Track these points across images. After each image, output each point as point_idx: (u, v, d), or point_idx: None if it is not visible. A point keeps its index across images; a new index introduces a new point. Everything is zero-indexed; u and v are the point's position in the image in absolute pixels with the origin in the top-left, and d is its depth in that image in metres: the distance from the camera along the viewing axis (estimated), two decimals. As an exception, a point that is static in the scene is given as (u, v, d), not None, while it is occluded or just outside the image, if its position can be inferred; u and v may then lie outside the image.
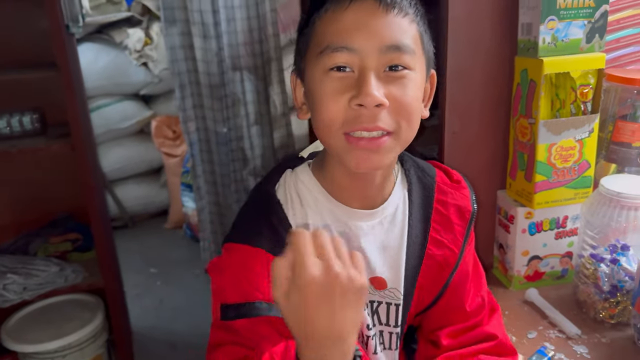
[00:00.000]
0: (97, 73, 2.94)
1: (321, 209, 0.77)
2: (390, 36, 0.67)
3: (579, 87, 1.06)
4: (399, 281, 0.81)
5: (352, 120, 0.68)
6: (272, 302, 0.68)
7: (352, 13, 0.67)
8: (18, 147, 1.73)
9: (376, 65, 0.67)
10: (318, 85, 0.69)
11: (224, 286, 0.72)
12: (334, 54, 0.67)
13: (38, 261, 1.86)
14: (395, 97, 0.68)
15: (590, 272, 1.05)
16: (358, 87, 0.66)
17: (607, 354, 0.97)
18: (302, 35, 0.74)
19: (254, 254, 0.72)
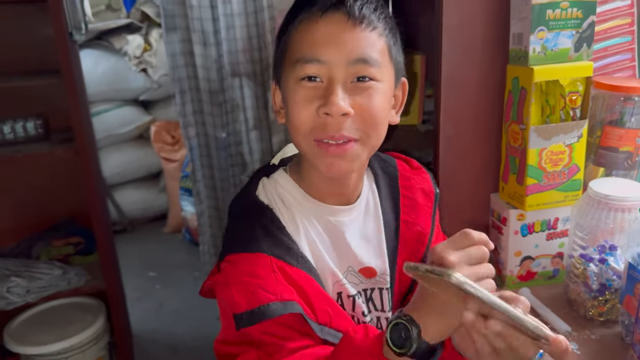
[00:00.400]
0: (97, 79, 2.97)
1: (304, 209, 0.81)
2: (357, 50, 0.71)
3: (568, 94, 1.11)
4: (385, 267, 0.85)
5: (319, 128, 0.73)
6: (287, 301, 0.70)
7: (323, 26, 0.72)
8: (22, 152, 1.77)
9: (344, 76, 0.72)
10: (291, 93, 0.74)
11: (232, 297, 0.71)
12: (305, 65, 0.72)
13: (41, 264, 1.89)
14: (361, 107, 0.72)
15: (580, 272, 1.09)
16: (325, 97, 0.71)
17: (597, 349, 1.01)
18: (279, 42, 0.78)
19: (255, 259, 0.73)
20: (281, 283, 0.72)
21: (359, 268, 0.84)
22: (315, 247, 0.80)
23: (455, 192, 1.23)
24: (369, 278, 0.85)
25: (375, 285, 0.86)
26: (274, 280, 0.72)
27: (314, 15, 0.72)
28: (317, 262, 0.80)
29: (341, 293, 0.82)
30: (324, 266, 0.80)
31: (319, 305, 0.74)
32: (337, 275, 0.81)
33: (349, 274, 0.84)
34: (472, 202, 1.26)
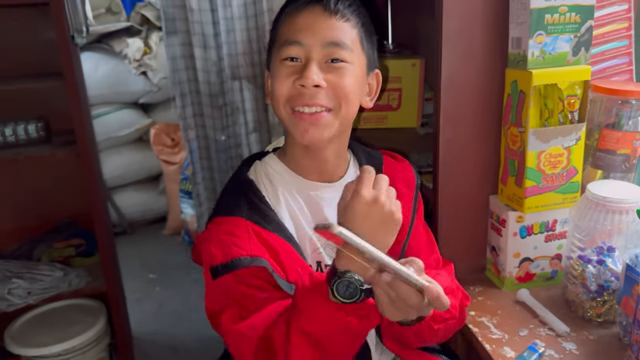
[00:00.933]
0: (97, 82, 2.98)
1: (288, 184, 0.93)
2: (331, 35, 0.86)
3: (566, 98, 1.12)
4: None
5: (295, 97, 0.86)
6: (255, 256, 0.80)
7: (303, 17, 0.86)
8: (24, 155, 1.78)
9: (319, 57, 0.86)
10: (276, 71, 0.88)
11: (210, 251, 0.82)
12: (287, 48, 0.86)
13: (43, 266, 1.90)
14: (332, 82, 0.86)
15: (578, 273, 1.10)
16: (302, 72, 0.85)
17: (595, 350, 1.03)
18: (271, 36, 0.93)
19: (235, 222, 0.85)
20: (254, 243, 0.82)
21: None
22: (296, 217, 0.90)
23: (455, 194, 1.25)
24: None
25: None
26: (247, 240, 0.82)
27: (297, 7, 0.87)
28: (298, 230, 0.90)
29: (320, 262, 0.90)
30: (304, 235, 0.90)
31: (289, 265, 0.83)
32: (315, 244, 0.90)
33: (327, 246, 0.91)
34: (471, 203, 1.27)
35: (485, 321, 1.12)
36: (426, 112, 1.79)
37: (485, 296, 1.21)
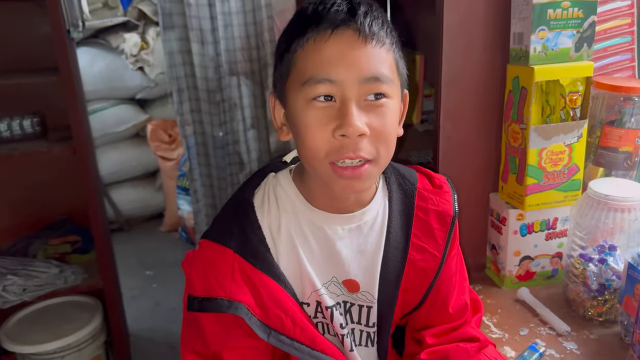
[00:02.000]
0: (94, 77, 2.96)
1: (297, 213, 0.80)
2: (369, 68, 0.70)
3: (568, 94, 1.11)
4: (373, 285, 0.84)
5: (336, 150, 0.71)
6: (234, 301, 0.74)
7: (333, 44, 0.69)
8: (20, 150, 1.76)
9: (357, 95, 0.70)
10: (301, 114, 0.71)
11: (192, 278, 0.77)
12: (317, 86, 0.69)
13: (38, 263, 1.88)
14: (375, 127, 0.71)
15: (579, 272, 1.09)
16: (341, 118, 0.69)
17: (596, 349, 1.01)
18: (282, 59, 0.74)
19: (222, 253, 0.77)
20: (236, 282, 0.76)
21: (343, 280, 0.83)
22: (296, 251, 0.80)
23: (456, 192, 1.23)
24: (352, 292, 0.84)
25: (356, 301, 0.85)
26: (230, 278, 0.76)
27: (322, 33, 0.69)
28: (295, 269, 0.80)
29: (320, 303, 0.83)
30: (303, 274, 0.81)
31: (272, 310, 0.77)
32: (315, 285, 0.81)
33: (332, 284, 0.83)
34: (471, 201, 1.26)
35: (485, 320, 1.10)
36: (426, 108, 1.77)
37: (485, 295, 1.20)
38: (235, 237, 0.78)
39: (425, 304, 0.89)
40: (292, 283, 0.80)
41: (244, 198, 0.82)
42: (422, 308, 0.89)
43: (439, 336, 0.88)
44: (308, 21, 0.71)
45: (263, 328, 0.76)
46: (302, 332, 0.78)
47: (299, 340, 0.78)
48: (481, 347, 0.85)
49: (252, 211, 0.80)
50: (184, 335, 0.81)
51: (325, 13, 0.70)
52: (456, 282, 0.90)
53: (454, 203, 0.88)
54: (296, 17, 0.75)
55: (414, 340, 0.92)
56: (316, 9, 0.71)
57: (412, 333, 0.92)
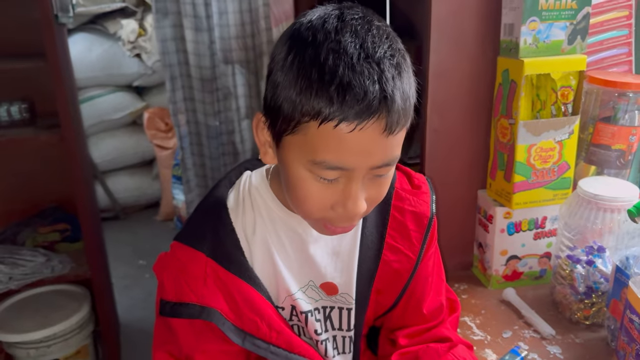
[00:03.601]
0: (90, 64, 2.93)
1: (272, 216, 0.77)
2: (384, 157, 0.64)
3: (560, 89, 1.06)
4: (350, 286, 0.81)
5: (331, 218, 0.69)
6: (206, 307, 0.72)
7: (355, 136, 0.60)
8: (7, 137, 1.73)
9: (363, 175, 0.65)
10: (301, 180, 0.66)
11: (164, 282, 0.74)
12: (327, 171, 0.64)
13: (25, 251, 1.86)
14: (373, 197, 0.69)
15: (566, 273, 1.05)
16: (343, 197, 0.66)
17: (580, 354, 0.98)
18: (281, 106, 0.63)
19: (194, 257, 0.74)
20: (209, 287, 0.73)
21: (320, 283, 0.81)
22: (270, 257, 0.77)
23: (442, 188, 1.19)
24: (330, 295, 0.82)
25: (336, 303, 0.83)
26: (202, 283, 0.73)
27: (347, 122, 0.59)
28: (269, 272, 0.78)
29: (295, 307, 0.80)
30: (278, 278, 0.78)
31: (247, 315, 0.74)
32: (289, 290, 0.79)
33: (309, 288, 0.81)
34: (459, 198, 1.22)
35: (468, 321, 1.07)
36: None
37: (470, 294, 1.16)
38: (208, 240, 0.75)
39: (399, 305, 0.86)
40: (267, 286, 0.78)
41: (218, 199, 0.79)
42: (395, 309, 0.87)
43: (412, 337, 0.85)
44: (328, 94, 0.59)
45: (238, 333, 0.74)
46: (279, 336, 0.76)
47: (275, 344, 0.76)
48: (451, 347, 0.82)
49: (225, 214, 0.77)
50: (156, 336, 0.79)
51: (353, 98, 0.58)
52: (432, 283, 0.87)
53: (432, 204, 0.84)
54: (310, 69, 0.60)
55: (388, 341, 0.89)
56: (341, 83, 0.58)
57: (387, 333, 0.90)
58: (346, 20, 0.62)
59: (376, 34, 0.62)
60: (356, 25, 0.62)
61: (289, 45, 0.63)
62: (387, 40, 0.62)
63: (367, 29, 0.62)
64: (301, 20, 0.65)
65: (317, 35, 0.61)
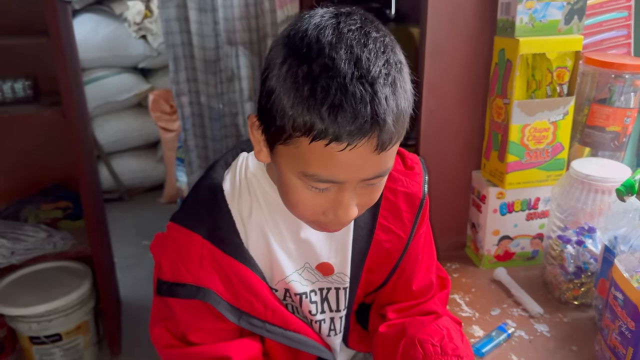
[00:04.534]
0: (96, 44, 2.94)
1: (268, 199, 0.78)
2: (375, 171, 0.65)
3: (555, 69, 1.06)
4: (345, 265, 0.83)
5: (324, 222, 0.71)
6: (202, 287, 0.73)
7: (346, 154, 0.61)
8: (10, 113, 1.75)
9: (355, 185, 0.66)
10: (293, 187, 0.67)
11: (161, 263, 0.75)
12: (318, 183, 0.65)
13: (27, 227, 1.89)
14: (364, 203, 0.70)
15: (557, 253, 1.06)
16: (334, 205, 0.67)
17: (567, 333, 0.99)
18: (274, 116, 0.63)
19: (190, 238, 0.75)
20: (205, 268, 0.74)
21: (316, 264, 0.82)
22: (265, 240, 0.79)
23: (437, 168, 1.20)
24: (326, 276, 0.83)
25: (332, 284, 0.84)
26: (198, 265, 0.74)
27: (338, 142, 0.59)
28: (264, 255, 0.79)
29: (288, 290, 0.82)
30: (273, 261, 0.80)
31: (243, 295, 0.76)
32: (284, 272, 0.80)
33: (306, 270, 0.82)
34: (453, 179, 1.22)
35: (457, 298, 1.08)
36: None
37: (461, 273, 1.17)
38: (204, 222, 0.76)
39: (389, 283, 0.87)
40: (261, 268, 0.79)
41: (214, 182, 0.79)
42: (386, 286, 0.88)
43: (400, 311, 0.87)
44: (319, 112, 0.58)
45: (233, 312, 0.76)
46: (274, 314, 0.78)
47: (271, 322, 0.78)
48: (437, 318, 0.83)
49: (222, 197, 0.78)
50: (154, 313, 0.80)
51: (344, 120, 0.58)
52: (422, 261, 0.88)
53: (424, 185, 0.85)
54: (303, 85, 0.59)
55: (378, 316, 0.91)
56: (333, 104, 0.58)
57: (377, 309, 0.91)
58: (342, 33, 0.61)
59: (372, 49, 0.60)
60: (352, 39, 0.60)
61: (284, 53, 0.62)
62: (384, 55, 0.61)
63: (363, 44, 0.60)
64: (298, 27, 0.63)
65: (311, 48, 0.60)
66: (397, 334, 0.83)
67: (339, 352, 0.93)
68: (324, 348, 0.85)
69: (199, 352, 0.76)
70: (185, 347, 0.77)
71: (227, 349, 0.76)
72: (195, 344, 0.76)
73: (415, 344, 0.78)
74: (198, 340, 0.77)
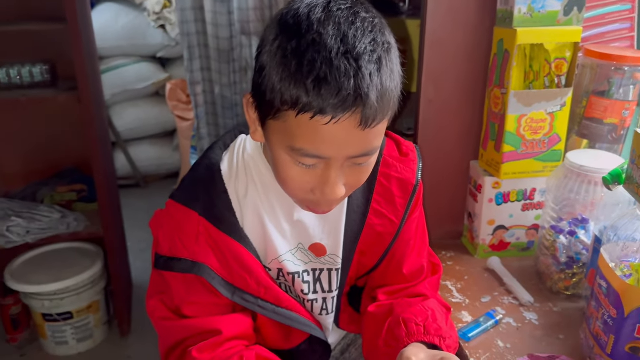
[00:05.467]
0: (116, 33, 2.99)
1: (264, 181, 0.81)
2: (362, 148, 0.67)
3: (553, 60, 1.06)
4: (337, 247, 0.85)
5: (312, 201, 0.73)
6: (197, 262, 0.76)
7: (330, 128, 0.63)
8: (27, 96, 1.81)
9: (342, 163, 0.68)
10: (283, 163, 0.70)
11: (158, 238, 0.79)
12: (304, 158, 0.66)
13: (42, 207, 1.95)
14: (352, 183, 0.72)
15: (549, 244, 1.06)
16: (321, 183, 0.69)
17: (555, 321, 0.99)
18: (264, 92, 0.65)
19: (187, 215, 0.78)
20: (200, 244, 0.77)
21: (309, 245, 0.85)
22: (260, 220, 0.81)
23: (435, 158, 1.21)
24: (319, 257, 0.86)
25: (325, 265, 0.86)
26: (194, 241, 0.76)
27: (323, 115, 0.62)
28: (259, 234, 0.82)
29: (281, 270, 0.84)
30: (267, 241, 0.82)
31: (237, 272, 0.79)
32: (277, 252, 0.83)
33: (299, 250, 0.85)
34: (452, 169, 1.24)
35: (449, 285, 1.10)
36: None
37: (455, 262, 1.18)
38: (201, 200, 0.79)
39: (380, 266, 0.89)
40: (256, 247, 0.82)
41: (212, 162, 0.82)
42: (377, 269, 0.90)
43: (391, 294, 0.89)
44: (305, 86, 0.61)
45: (227, 287, 0.78)
46: (267, 292, 0.81)
47: (264, 299, 0.81)
48: (424, 300, 0.85)
49: (219, 176, 0.80)
50: (151, 285, 0.84)
51: (328, 93, 0.60)
52: (414, 246, 0.90)
53: (418, 172, 0.87)
54: (290, 60, 0.62)
55: (370, 298, 0.93)
56: (318, 77, 0.60)
57: (369, 291, 0.93)
58: (332, 11, 0.63)
59: (360, 27, 0.62)
60: (340, 17, 0.63)
61: (276, 30, 0.65)
62: (371, 33, 0.63)
63: (351, 22, 0.63)
64: (292, 6, 0.65)
65: (301, 25, 0.62)
66: (384, 313, 0.85)
67: (330, 332, 0.95)
68: (315, 326, 0.87)
69: (191, 325, 0.79)
70: (178, 319, 0.79)
71: (218, 323, 0.79)
72: (188, 316, 0.79)
73: (399, 323, 0.80)
74: (191, 314, 0.79)
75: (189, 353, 0.77)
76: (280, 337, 0.89)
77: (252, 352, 0.79)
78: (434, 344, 0.77)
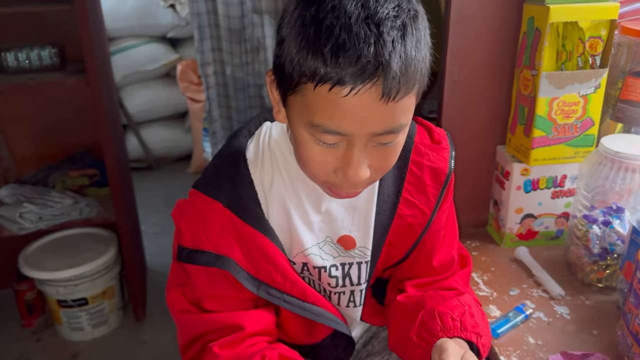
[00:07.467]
0: (125, 14, 2.94)
1: (289, 169, 0.77)
2: (385, 124, 0.62)
3: (588, 39, 1.00)
4: (367, 239, 0.81)
5: (335, 183, 0.68)
6: (222, 255, 0.73)
7: (350, 100, 0.58)
8: (36, 80, 1.77)
9: (365, 142, 0.63)
10: (303, 142, 0.66)
11: (181, 229, 0.75)
12: (325, 134, 0.62)
13: (54, 193, 1.93)
14: (377, 166, 0.67)
15: (581, 234, 1.01)
16: (344, 163, 0.64)
17: (588, 316, 0.95)
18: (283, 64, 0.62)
19: (211, 206, 0.74)
20: (225, 237, 0.74)
21: (338, 238, 0.81)
22: (286, 212, 0.78)
23: (459, 143, 1.13)
24: (348, 250, 0.82)
25: (354, 259, 0.83)
26: (219, 233, 0.74)
27: (341, 85, 0.58)
28: (284, 226, 0.78)
29: (306, 264, 0.81)
30: (293, 233, 0.79)
31: (262, 265, 0.75)
32: (303, 245, 0.79)
33: (327, 244, 0.81)
34: (477, 154, 1.18)
35: (476, 277, 1.05)
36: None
37: (481, 252, 1.14)
38: (225, 190, 0.75)
39: (409, 258, 0.86)
40: (281, 240, 0.79)
41: (237, 149, 0.78)
42: (406, 261, 0.86)
43: (420, 286, 0.85)
44: (322, 54, 0.57)
45: (252, 281, 0.76)
46: (293, 286, 0.78)
47: (289, 293, 0.78)
48: (458, 294, 0.81)
49: (244, 165, 0.77)
50: (172, 277, 0.81)
51: (346, 60, 0.56)
52: (444, 237, 0.86)
53: (451, 161, 0.83)
54: (309, 28, 0.58)
55: (396, 290, 0.89)
56: (336, 44, 0.56)
57: (395, 283, 0.90)
58: None
59: None
60: None
61: (297, 0, 0.61)
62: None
63: None
64: None
65: None
66: (415, 305, 0.81)
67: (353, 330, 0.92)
68: (340, 321, 0.85)
69: (212, 319, 0.76)
70: (199, 312, 0.77)
71: (241, 319, 0.76)
72: (209, 311, 0.76)
73: (434, 316, 0.76)
74: (212, 308, 0.76)
75: (210, 349, 0.74)
76: (304, 332, 0.87)
77: (275, 351, 0.75)
78: (470, 340, 0.73)
